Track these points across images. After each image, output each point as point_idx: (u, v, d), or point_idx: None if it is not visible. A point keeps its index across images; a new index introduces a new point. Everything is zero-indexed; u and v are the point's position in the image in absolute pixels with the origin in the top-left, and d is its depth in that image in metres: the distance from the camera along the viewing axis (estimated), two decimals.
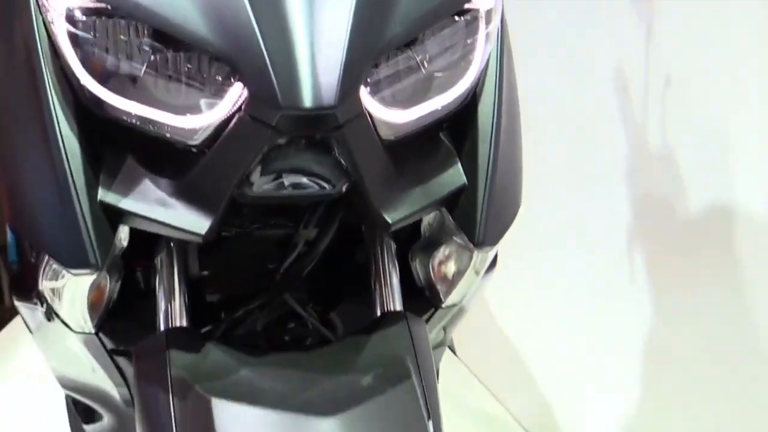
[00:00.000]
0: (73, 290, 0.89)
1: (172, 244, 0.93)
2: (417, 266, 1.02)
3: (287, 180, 0.78)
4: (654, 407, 1.46)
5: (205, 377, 0.86)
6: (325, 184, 0.79)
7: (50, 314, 0.93)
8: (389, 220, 0.83)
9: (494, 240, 0.89)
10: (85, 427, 1.22)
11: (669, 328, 1.41)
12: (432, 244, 0.99)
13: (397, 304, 0.95)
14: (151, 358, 0.89)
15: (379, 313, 0.95)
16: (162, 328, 0.92)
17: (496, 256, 1.03)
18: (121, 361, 1.00)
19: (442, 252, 0.98)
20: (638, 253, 1.46)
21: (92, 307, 0.92)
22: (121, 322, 0.98)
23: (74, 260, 0.81)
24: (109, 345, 0.98)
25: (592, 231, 1.58)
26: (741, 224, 1.24)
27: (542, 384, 1.76)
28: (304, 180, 0.78)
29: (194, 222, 0.79)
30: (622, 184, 1.47)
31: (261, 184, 0.78)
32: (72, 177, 0.78)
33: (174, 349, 0.87)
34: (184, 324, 0.92)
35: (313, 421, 0.82)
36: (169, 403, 0.83)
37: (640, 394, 1.48)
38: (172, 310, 0.92)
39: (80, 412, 1.23)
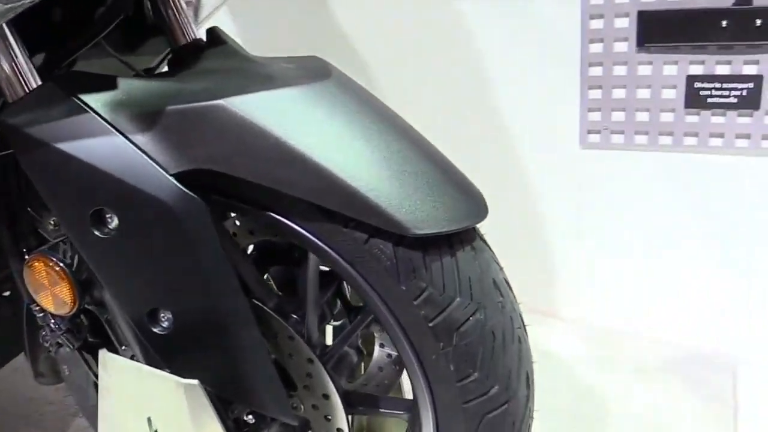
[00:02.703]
0: None
1: None
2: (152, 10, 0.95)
3: None
4: None
5: (142, 104, 0.73)
6: None
7: None
8: None
9: None
10: None
11: None
12: None
13: (195, 33, 0.92)
14: (45, 105, 0.73)
15: (183, 41, 0.91)
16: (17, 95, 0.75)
17: None
18: None
19: None
20: None
21: None
22: None
23: None
24: None
25: None
26: None
27: None
28: None
29: None
30: None
31: None
32: None
33: (80, 92, 0.73)
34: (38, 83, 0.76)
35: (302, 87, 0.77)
36: (128, 145, 0.71)
37: None
38: (22, 73, 0.75)
39: None
